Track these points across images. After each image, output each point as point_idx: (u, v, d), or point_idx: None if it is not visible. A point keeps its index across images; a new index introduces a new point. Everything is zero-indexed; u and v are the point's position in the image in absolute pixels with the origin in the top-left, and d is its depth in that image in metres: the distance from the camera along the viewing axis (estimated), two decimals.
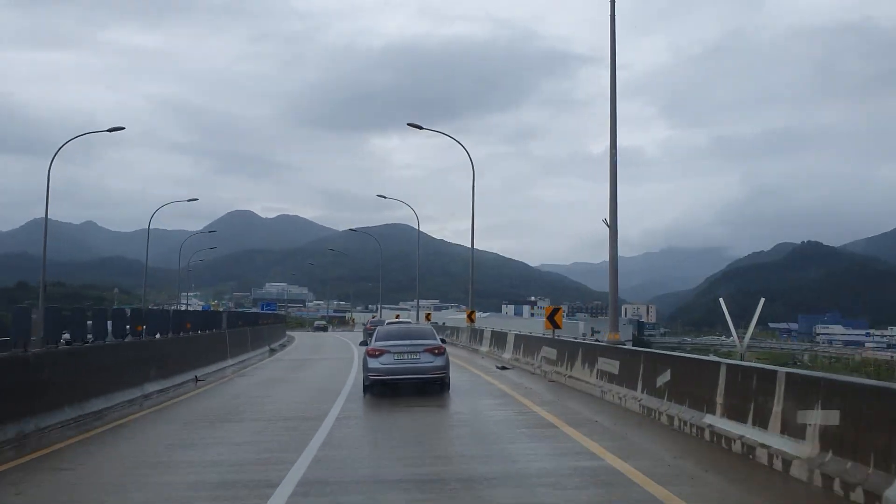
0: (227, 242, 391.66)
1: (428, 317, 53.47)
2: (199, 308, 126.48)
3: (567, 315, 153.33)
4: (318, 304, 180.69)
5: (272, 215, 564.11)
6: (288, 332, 62.31)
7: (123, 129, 40.60)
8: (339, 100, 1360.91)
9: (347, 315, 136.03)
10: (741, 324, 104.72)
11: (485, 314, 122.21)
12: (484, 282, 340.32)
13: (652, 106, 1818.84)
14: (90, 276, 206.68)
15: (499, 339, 28.05)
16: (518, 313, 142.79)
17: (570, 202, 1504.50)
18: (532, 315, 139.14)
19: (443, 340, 15.89)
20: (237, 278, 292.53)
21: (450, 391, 15.36)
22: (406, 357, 14.94)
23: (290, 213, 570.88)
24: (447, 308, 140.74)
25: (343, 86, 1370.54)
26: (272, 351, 33.33)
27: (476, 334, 33.52)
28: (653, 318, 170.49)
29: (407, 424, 11.45)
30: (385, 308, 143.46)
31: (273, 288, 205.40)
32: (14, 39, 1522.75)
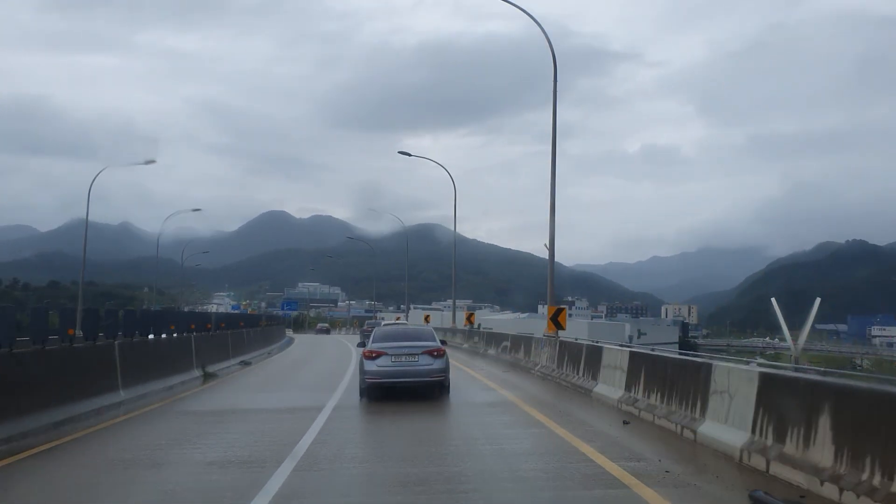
0: (262, 243, 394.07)
1: (427, 318, 51.97)
2: (230, 308, 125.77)
3: (607, 316, 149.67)
4: (350, 304, 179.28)
5: (306, 216, 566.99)
6: (295, 334, 60.70)
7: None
8: (372, 100, 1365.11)
9: (378, 315, 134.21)
10: (788, 325, 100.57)
11: (523, 315, 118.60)
12: (518, 281, 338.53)
13: (688, 104, 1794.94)
14: (125, 275, 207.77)
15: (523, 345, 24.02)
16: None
17: (605, 201, 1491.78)
18: (569, 315, 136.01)
19: (443, 342, 15.36)
20: (270, 278, 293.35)
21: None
22: (404, 359, 14.47)
23: (324, 214, 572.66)
24: (480, 308, 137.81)
25: (376, 86, 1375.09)
26: (244, 364, 25.14)
27: (492, 339, 30.96)
28: (694, 319, 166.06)
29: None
30: (417, 308, 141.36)
31: (305, 288, 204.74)
32: (54, 43, 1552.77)
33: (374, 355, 14.54)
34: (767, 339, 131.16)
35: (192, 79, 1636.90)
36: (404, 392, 14.62)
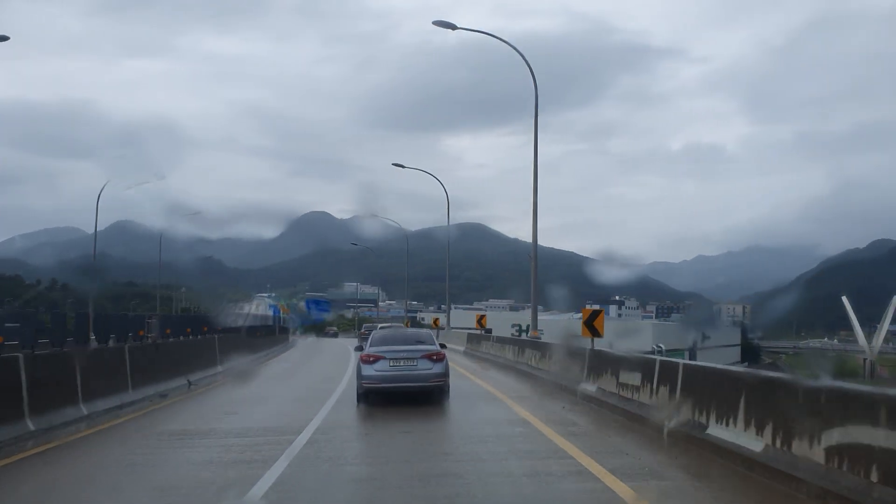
0: (304, 243, 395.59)
1: (436, 322, 48.66)
2: (269, 309, 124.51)
3: (657, 316, 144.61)
4: (390, 304, 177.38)
5: (347, 216, 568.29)
6: (299, 339, 58.37)
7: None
8: (411, 100, 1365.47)
9: (418, 315, 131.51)
10: (847, 325, 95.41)
11: (577, 315, 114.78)
12: (561, 281, 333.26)
13: (732, 101, 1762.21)
14: (166, 276, 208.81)
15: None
16: (604, 309, 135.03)
17: (648, 200, 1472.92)
18: (618, 315, 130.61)
19: (442, 346, 15.05)
20: (312, 278, 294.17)
21: None
22: (403, 363, 14.10)
23: (363, 214, 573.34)
24: (523, 308, 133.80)
25: (415, 86, 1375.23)
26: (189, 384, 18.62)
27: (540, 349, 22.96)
28: (748, 320, 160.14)
29: None
30: (457, 308, 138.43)
31: (347, 288, 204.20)
32: (99, 48, 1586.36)
33: (371, 359, 14.10)
34: (826, 339, 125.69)
35: (233, 82, 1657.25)
36: (404, 401, 13.74)
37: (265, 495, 7.41)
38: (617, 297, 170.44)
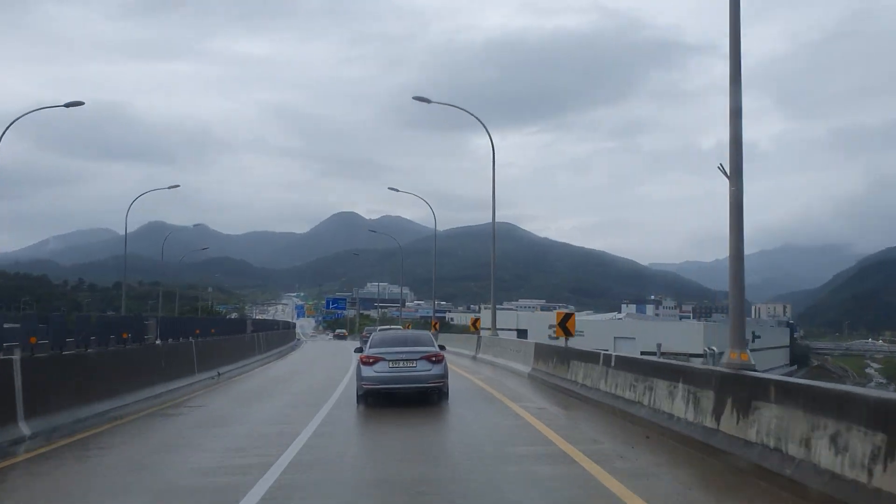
0: (332, 244, 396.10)
1: (435, 326, 47.27)
2: (295, 310, 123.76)
3: (695, 316, 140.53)
4: (419, 304, 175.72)
5: (375, 216, 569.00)
6: (307, 340, 56.24)
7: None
8: (439, 99, 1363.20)
9: (447, 315, 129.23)
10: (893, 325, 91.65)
11: (620, 316, 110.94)
12: (592, 280, 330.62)
13: (766, 98, 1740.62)
14: (197, 276, 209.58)
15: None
16: (640, 311, 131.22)
17: (679, 199, 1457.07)
18: (656, 315, 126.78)
19: (441, 347, 15.10)
20: (340, 278, 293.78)
21: None
22: (402, 365, 14.22)
23: (393, 214, 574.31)
24: (554, 308, 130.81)
25: (443, 85, 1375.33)
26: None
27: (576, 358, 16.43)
28: (788, 319, 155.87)
29: None
30: (488, 307, 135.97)
31: (374, 287, 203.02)
32: (131, 51, 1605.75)
33: (371, 361, 14.22)
34: (870, 340, 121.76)
35: (263, 84, 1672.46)
36: (406, 411, 13.42)
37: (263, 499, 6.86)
38: (652, 297, 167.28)
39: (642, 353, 53.55)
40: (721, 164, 10.91)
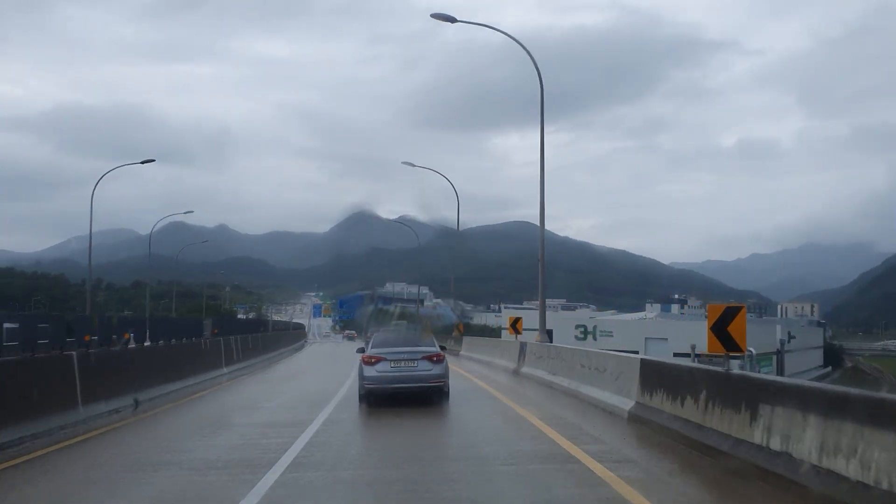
0: (351, 243, 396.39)
1: (460, 328, 44.82)
2: (312, 310, 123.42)
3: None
4: (438, 303, 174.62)
5: (393, 216, 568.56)
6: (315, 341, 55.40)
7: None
8: (457, 99, 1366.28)
9: (469, 316, 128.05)
10: None
11: (650, 315, 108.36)
12: (614, 280, 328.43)
13: (787, 95, 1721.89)
14: (216, 275, 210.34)
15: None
16: (665, 311, 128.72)
17: (699, 198, 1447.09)
18: (681, 314, 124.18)
19: (442, 348, 15.42)
20: (359, 278, 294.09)
21: None
22: (403, 365, 14.49)
23: (411, 214, 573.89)
24: (576, 308, 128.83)
25: (461, 84, 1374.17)
26: None
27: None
28: (815, 318, 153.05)
29: None
30: (508, 307, 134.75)
31: (393, 287, 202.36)
32: (152, 53, 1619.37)
33: (373, 360, 14.45)
34: None
35: (282, 84, 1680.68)
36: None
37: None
38: (676, 296, 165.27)
39: (675, 354, 51.39)
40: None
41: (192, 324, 32.28)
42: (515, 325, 27.53)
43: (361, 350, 15.45)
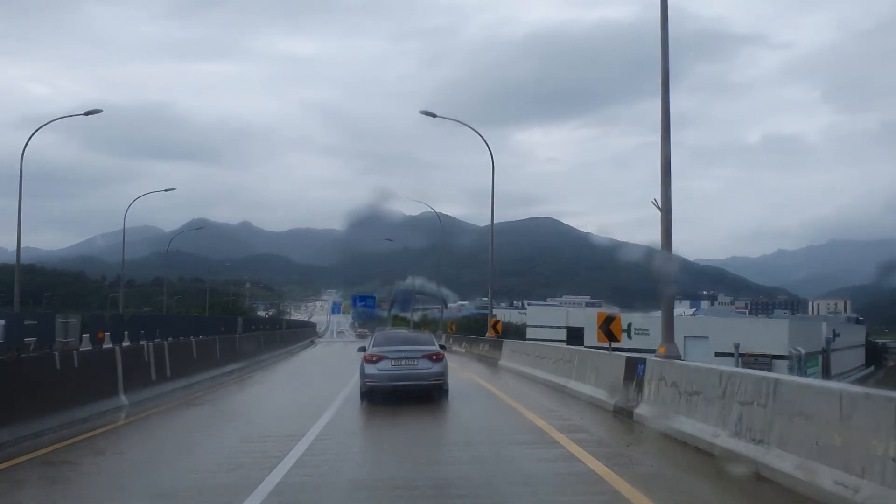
0: (372, 240, 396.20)
1: (497, 328, 42.51)
2: (331, 307, 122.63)
3: (757, 312, 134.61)
4: (462, 304, 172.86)
5: (416, 213, 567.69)
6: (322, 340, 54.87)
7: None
8: (480, 95, 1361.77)
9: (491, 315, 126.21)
10: None
11: (689, 312, 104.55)
12: (638, 276, 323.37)
13: (815, 90, 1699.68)
14: (240, 272, 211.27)
15: None
16: (695, 306, 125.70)
17: (724, 194, 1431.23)
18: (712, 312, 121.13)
19: (442, 347, 15.85)
20: (381, 276, 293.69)
21: None
22: (404, 363, 14.83)
23: (432, 211, 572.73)
24: (600, 306, 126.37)
25: (484, 80, 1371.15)
26: None
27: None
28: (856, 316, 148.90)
29: None
30: (532, 304, 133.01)
31: (414, 281, 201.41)
32: (177, 52, 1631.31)
33: (374, 359, 14.78)
34: None
35: (306, 82, 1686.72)
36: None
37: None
38: (704, 292, 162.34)
39: (717, 354, 48.89)
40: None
41: (208, 322, 31.36)
42: (612, 327, 17.00)
43: (363, 349, 15.74)
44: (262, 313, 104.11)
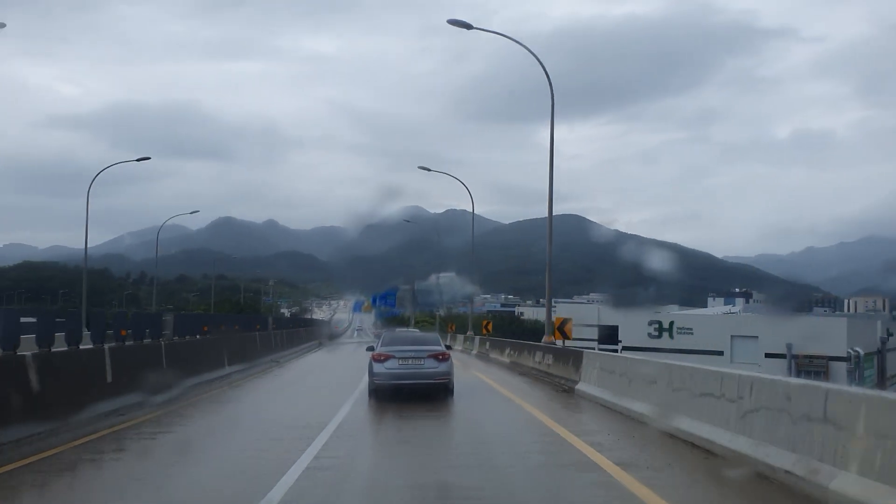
0: (397, 238, 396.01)
1: (566, 329, 38.47)
2: (353, 307, 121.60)
3: (798, 308, 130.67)
4: (485, 298, 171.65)
5: (440, 210, 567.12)
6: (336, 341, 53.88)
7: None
8: (505, 91, 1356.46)
9: (516, 310, 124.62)
10: None
11: (735, 309, 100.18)
12: (671, 273, 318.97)
13: (845, 85, 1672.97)
14: (265, 269, 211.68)
15: None
16: (730, 304, 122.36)
17: (752, 190, 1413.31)
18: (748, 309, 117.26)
19: (448, 347, 16.28)
20: (405, 273, 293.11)
21: None
22: (410, 362, 15.19)
23: (458, 208, 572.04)
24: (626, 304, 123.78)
25: (509, 76, 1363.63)
26: None
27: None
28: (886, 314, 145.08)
29: None
30: (559, 302, 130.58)
31: (437, 279, 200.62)
32: (203, 51, 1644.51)
33: (382, 358, 15.25)
34: None
35: (331, 80, 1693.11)
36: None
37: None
38: (737, 290, 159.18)
39: (767, 355, 46.11)
40: None
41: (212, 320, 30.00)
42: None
43: (371, 348, 16.30)
44: (284, 311, 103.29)
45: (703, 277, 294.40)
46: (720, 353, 48.46)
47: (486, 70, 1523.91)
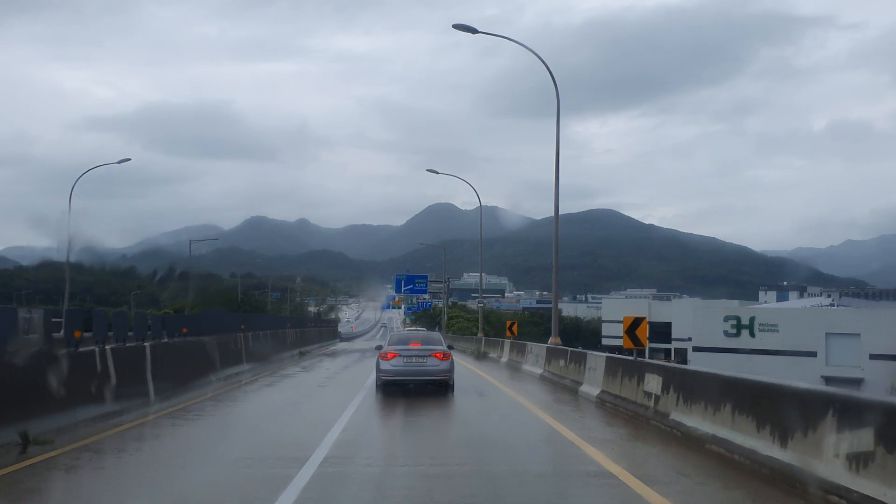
0: (428, 235, 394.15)
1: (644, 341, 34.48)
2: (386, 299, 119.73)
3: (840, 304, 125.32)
4: (519, 294, 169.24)
5: (471, 207, 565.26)
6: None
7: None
8: (534, 86, 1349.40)
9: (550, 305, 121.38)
10: None
11: (826, 302, 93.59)
12: (703, 267, 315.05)
13: (885, 73, 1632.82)
14: (296, 268, 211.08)
15: None
16: (783, 299, 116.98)
17: (789, 183, 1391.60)
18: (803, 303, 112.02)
19: (450, 347, 17.37)
20: (437, 270, 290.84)
21: None
22: (414, 360, 16.35)
23: (489, 205, 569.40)
24: (668, 298, 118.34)
25: (539, 71, 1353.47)
26: None
27: None
28: None
29: None
30: (609, 297, 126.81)
31: (471, 278, 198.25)
32: (237, 52, 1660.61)
33: (388, 356, 16.48)
34: None
35: (361, 79, 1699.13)
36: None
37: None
38: (784, 283, 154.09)
39: (872, 356, 40.49)
40: None
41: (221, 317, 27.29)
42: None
43: (379, 347, 17.86)
44: (312, 309, 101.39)
45: (742, 272, 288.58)
46: (812, 355, 43.66)
47: (514, 65, 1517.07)
